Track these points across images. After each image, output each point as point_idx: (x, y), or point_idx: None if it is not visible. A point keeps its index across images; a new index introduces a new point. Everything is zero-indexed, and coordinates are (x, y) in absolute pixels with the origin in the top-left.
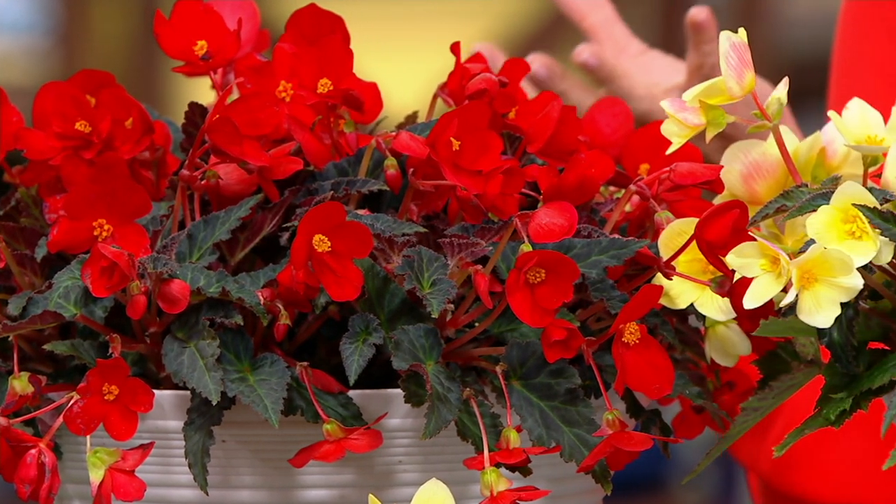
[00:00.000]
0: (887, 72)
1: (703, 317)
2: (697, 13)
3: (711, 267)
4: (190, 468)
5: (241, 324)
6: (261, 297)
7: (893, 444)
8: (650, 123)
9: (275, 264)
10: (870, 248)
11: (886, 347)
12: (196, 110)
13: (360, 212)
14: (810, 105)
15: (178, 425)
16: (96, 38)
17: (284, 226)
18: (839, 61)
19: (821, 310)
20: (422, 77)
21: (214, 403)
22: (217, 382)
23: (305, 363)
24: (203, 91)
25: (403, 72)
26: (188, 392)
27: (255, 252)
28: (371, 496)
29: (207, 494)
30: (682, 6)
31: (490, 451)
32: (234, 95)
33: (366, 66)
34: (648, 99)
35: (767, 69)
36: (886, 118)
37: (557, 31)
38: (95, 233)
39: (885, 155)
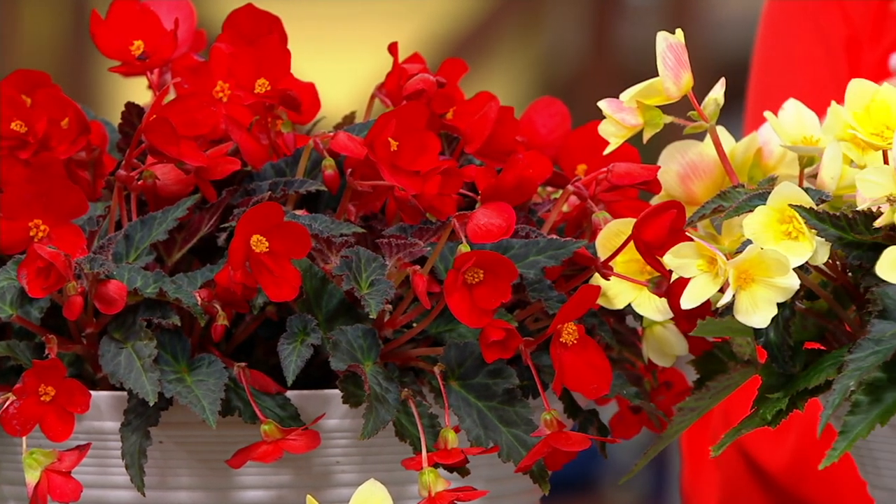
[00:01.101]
0: (812, 69)
1: (641, 317)
2: None
3: (649, 267)
4: (127, 469)
5: (179, 324)
6: (198, 298)
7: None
8: (587, 124)
9: (212, 265)
10: (806, 248)
11: (822, 347)
12: (133, 110)
13: (298, 212)
14: (740, 106)
15: (114, 426)
16: (26, 38)
17: (222, 226)
18: (762, 58)
19: (757, 310)
20: (354, 77)
21: (151, 404)
22: (154, 383)
23: (243, 364)
24: (137, 91)
25: (335, 72)
26: (125, 393)
27: (193, 252)
28: (309, 497)
29: (144, 496)
30: (614, 7)
31: (428, 451)
32: (171, 96)
33: (298, 65)
34: None
35: (697, 70)
36: (820, 114)
37: (490, 31)
38: (31, 233)
39: (820, 155)
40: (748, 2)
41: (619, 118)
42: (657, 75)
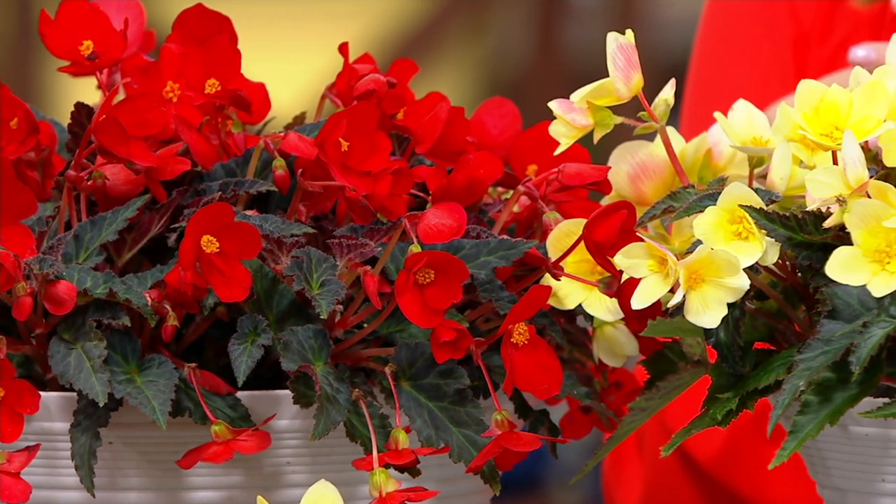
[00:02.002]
0: (758, 65)
1: (591, 317)
2: None
3: (599, 267)
4: (76, 470)
5: (129, 325)
6: (148, 299)
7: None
8: (537, 124)
9: (162, 265)
10: (756, 248)
11: (772, 347)
12: (82, 111)
13: (249, 212)
14: (678, 106)
15: (64, 427)
16: None
17: (172, 227)
18: (705, 52)
19: (707, 310)
20: (300, 77)
21: (101, 405)
22: (104, 384)
23: (193, 364)
24: (86, 91)
25: (283, 72)
26: (75, 394)
27: (143, 253)
28: (259, 497)
29: (94, 496)
30: (560, 8)
31: (379, 451)
32: (121, 96)
33: (247, 66)
34: None
35: (644, 71)
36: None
37: (436, 31)
38: None
39: (770, 156)
40: (694, 3)
41: (569, 119)
42: (603, 76)
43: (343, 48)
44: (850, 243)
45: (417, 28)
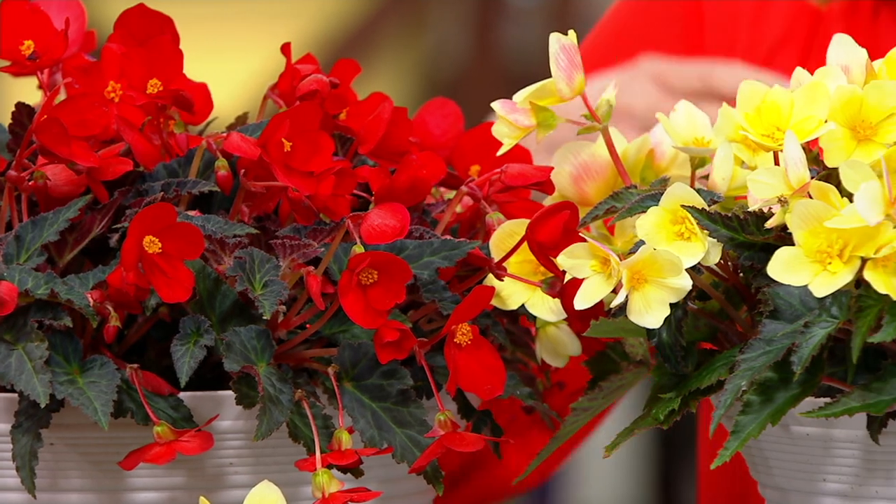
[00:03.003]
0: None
1: (534, 317)
2: None
3: (542, 268)
4: (17, 471)
5: (70, 326)
6: (90, 299)
7: (721, 444)
8: (480, 125)
9: (104, 266)
10: (698, 249)
11: (714, 348)
12: (23, 111)
13: (191, 213)
14: None
15: (5, 428)
16: None
17: (114, 227)
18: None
19: (650, 310)
20: (237, 77)
21: (42, 406)
22: (45, 385)
23: (136, 365)
24: (27, 91)
25: (217, 72)
26: (16, 395)
27: (84, 253)
28: (202, 498)
29: (35, 498)
30: (497, 8)
31: (322, 452)
32: (62, 96)
33: (187, 65)
34: None
35: None
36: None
37: (374, 32)
38: None
39: (712, 157)
40: None
41: (512, 119)
42: (540, 76)
43: (285, 48)
44: (791, 244)
45: (355, 28)
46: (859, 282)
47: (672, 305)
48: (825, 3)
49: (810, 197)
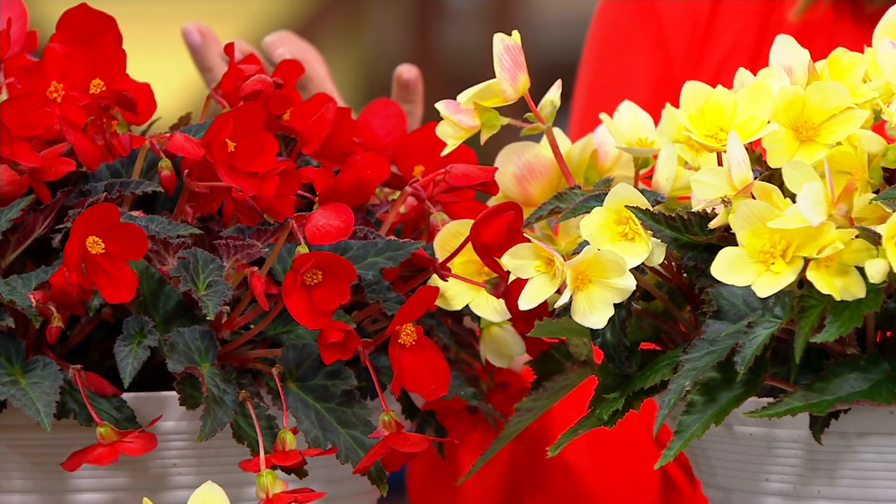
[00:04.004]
0: (647, 64)
1: (479, 318)
2: (406, 71)
3: (486, 268)
4: None
5: (13, 326)
6: (33, 300)
7: (667, 441)
8: (424, 125)
9: (47, 266)
10: (642, 249)
11: (658, 348)
12: None
13: (135, 213)
14: (563, 107)
15: None
16: None
17: (57, 227)
18: (597, 55)
19: (594, 311)
20: (175, 78)
21: None
22: None
23: (79, 366)
24: None
25: (156, 72)
26: None
27: (27, 254)
28: (145, 499)
29: None
30: (436, 9)
31: (266, 453)
32: (4, 96)
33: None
34: None
35: None
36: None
37: (313, 32)
38: None
39: (655, 157)
40: (570, 4)
41: (456, 119)
42: (479, 76)
43: (228, 49)
44: (735, 244)
45: (294, 29)
46: (802, 282)
47: (616, 306)
48: (798, 15)
49: (753, 197)
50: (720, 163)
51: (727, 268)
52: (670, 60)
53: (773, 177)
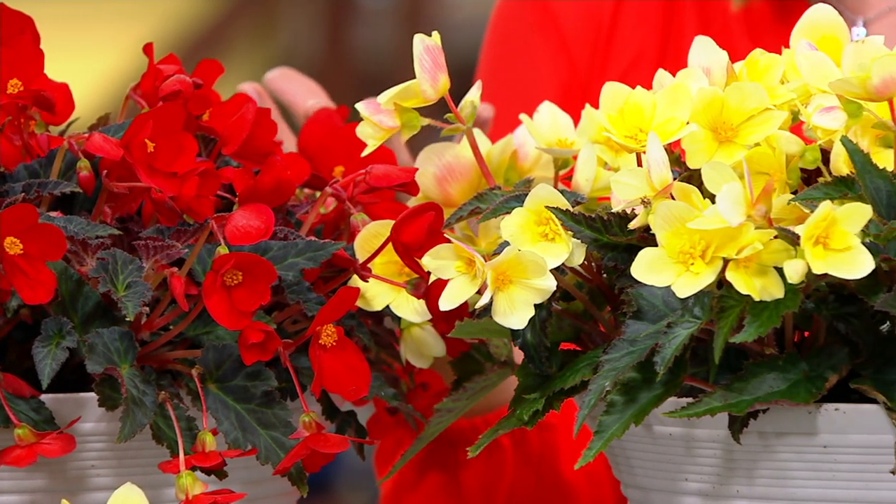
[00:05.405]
0: (556, 84)
1: (399, 318)
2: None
3: (407, 269)
4: None
5: None
6: None
7: (586, 444)
8: (344, 126)
9: None
10: (562, 249)
11: (578, 348)
12: None
13: (53, 214)
14: None
15: None
16: None
17: None
18: (498, 56)
19: (515, 311)
20: (87, 77)
21: None
22: None
23: None
24: None
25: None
26: None
27: None
28: (63, 501)
29: None
30: (348, 9)
31: (185, 454)
32: None
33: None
34: None
35: None
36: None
37: (225, 32)
38: None
39: (575, 158)
40: (482, 5)
41: (376, 120)
42: (392, 77)
43: (147, 49)
44: (654, 244)
45: (206, 28)
46: (721, 282)
47: (536, 306)
48: (740, 5)
49: (673, 198)
50: (640, 164)
51: (647, 268)
52: (574, 67)
53: (693, 177)
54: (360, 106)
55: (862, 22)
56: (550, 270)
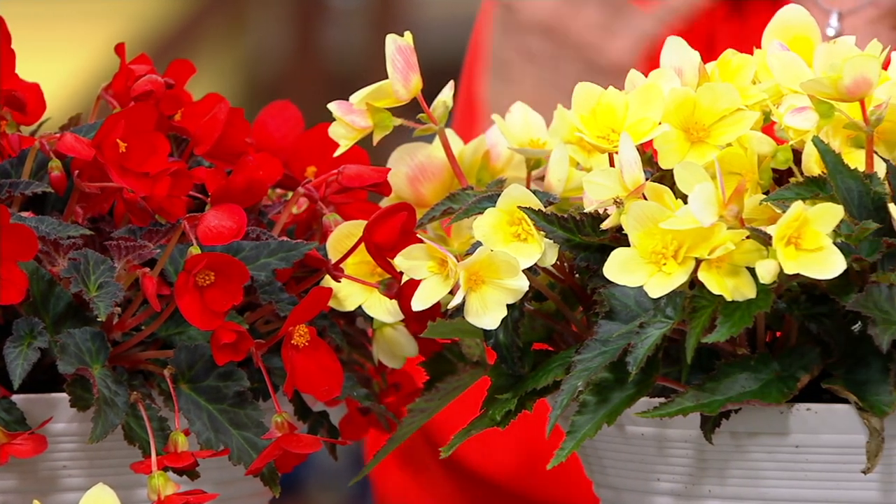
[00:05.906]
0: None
1: (371, 318)
2: None
3: (379, 269)
4: None
5: None
6: None
7: (559, 444)
8: (316, 126)
9: None
10: (535, 250)
11: (550, 348)
12: None
13: (24, 214)
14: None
15: None
16: None
17: None
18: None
19: (487, 311)
20: (56, 77)
21: None
22: None
23: None
24: None
25: (37, 72)
26: None
27: None
28: (35, 501)
29: None
30: (318, 9)
31: (158, 454)
32: None
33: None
34: None
35: None
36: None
37: (194, 32)
38: None
39: (547, 158)
40: (451, 5)
41: (348, 120)
42: (361, 77)
43: (119, 49)
44: (627, 245)
45: (175, 29)
46: (693, 283)
47: (509, 306)
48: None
49: (645, 198)
50: (612, 164)
51: (619, 268)
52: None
53: (665, 178)
54: (332, 106)
55: (837, 15)
56: (523, 271)
